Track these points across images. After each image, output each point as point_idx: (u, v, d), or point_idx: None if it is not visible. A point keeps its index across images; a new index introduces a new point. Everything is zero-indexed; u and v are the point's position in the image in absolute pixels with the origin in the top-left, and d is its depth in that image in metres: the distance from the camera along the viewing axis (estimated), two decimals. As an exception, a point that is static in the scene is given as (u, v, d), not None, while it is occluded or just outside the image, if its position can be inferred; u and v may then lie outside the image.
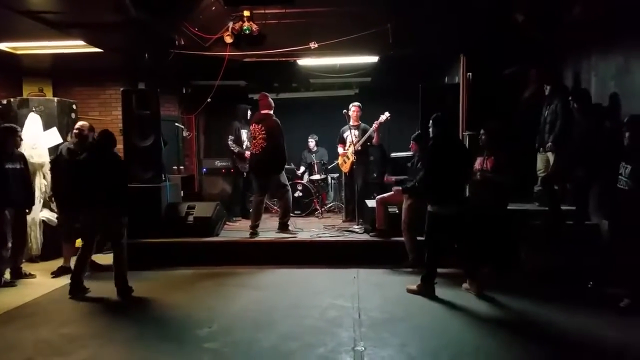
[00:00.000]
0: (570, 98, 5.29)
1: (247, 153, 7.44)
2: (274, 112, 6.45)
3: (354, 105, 7.24)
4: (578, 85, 6.15)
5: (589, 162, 4.82)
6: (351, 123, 7.12)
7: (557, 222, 5.29)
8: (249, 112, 7.87)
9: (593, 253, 4.74)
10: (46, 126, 6.54)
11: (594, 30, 5.73)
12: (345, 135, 7.36)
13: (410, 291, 4.68)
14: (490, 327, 3.84)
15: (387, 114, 6.97)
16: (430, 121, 4.84)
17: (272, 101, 6.52)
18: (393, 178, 6.53)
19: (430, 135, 4.84)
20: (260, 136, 6.30)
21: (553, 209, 5.38)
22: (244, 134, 7.71)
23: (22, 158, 5.47)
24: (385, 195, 6.06)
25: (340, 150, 7.46)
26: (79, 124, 5.72)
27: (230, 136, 7.64)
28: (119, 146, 7.76)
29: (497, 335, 3.67)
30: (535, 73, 6.60)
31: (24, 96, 7.42)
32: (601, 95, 5.59)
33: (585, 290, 4.65)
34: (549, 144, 5.73)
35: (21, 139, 5.54)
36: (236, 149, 7.58)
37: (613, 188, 4.31)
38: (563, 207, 5.40)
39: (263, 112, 6.42)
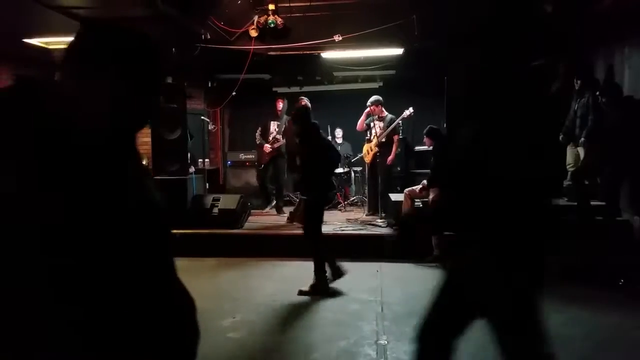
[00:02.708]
0: (598, 92, 5.15)
1: (266, 146, 7.51)
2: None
3: (373, 104, 7.08)
4: (608, 79, 5.97)
5: (621, 156, 4.69)
6: (377, 115, 7.07)
7: (586, 218, 5.17)
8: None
9: (624, 250, 4.62)
10: (77, 119, 6.72)
11: (627, 20, 5.54)
12: (371, 125, 7.31)
13: (302, 293, 4.42)
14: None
15: (410, 109, 6.87)
16: (293, 116, 4.93)
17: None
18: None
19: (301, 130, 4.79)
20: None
21: (582, 205, 5.25)
22: (272, 125, 7.72)
23: None
24: (414, 188, 6.00)
25: (362, 119, 7.30)
26: None
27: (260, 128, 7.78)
28: (146, 139, 7.98)
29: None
30: (565, 66, 6.43)
31: (56, 90, 7.63)
32: (635, 89, 5.42)
33: (615, 288, 4.54)
34: (582, 139, 5.58)
35: None
36: (258, 141, 7.69)
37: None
38: (593, 203, 5.27)
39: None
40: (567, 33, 6.14)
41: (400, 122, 6.96)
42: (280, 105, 7.77)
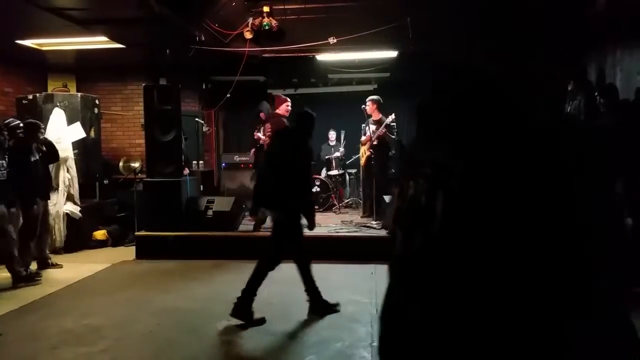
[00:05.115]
0: (596, 93, 5.18)
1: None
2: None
3: (369, 100, 7.14)
4: (603, 80, 6.01)
5: (615, 158, 4.72)
6: (372, 118, 7.07)
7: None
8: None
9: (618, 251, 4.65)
10: (70, 121, 6.68)
11: (619, 23, 5.59)
12: (366, 129, 7.33)
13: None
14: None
15: (392, 116, 6.90)
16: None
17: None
18: None
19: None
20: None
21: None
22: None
23: (39, 149, 5.58)
24: None
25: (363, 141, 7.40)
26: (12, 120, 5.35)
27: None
28: (140, 140, 7.94)
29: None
30: (558, 68, 6.47)
31: (49, 91, 7.60)
32: (626, 91, 5.46)
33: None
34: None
35: (43, 135, 5.66)
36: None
37: (638, 185, 4.22)
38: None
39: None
40: (560, 35, 6.19)
41: (384, 129, 6.93)
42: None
